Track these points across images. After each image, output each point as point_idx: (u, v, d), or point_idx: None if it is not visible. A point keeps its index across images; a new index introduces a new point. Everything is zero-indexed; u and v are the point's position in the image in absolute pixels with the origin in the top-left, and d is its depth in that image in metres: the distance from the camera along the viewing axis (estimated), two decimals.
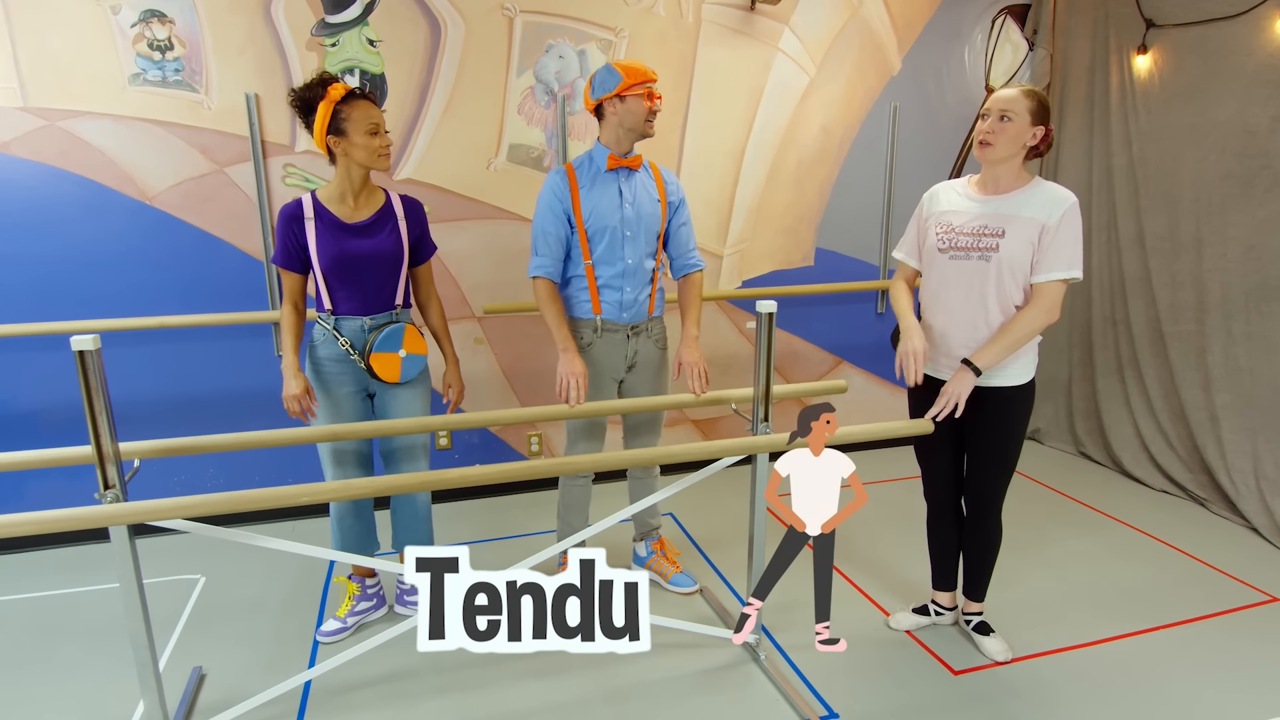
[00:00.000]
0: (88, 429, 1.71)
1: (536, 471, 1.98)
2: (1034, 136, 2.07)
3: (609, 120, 2.42)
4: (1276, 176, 3.08)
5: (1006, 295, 2.12)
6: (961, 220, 2.15)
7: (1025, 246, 2.07)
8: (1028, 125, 2.06)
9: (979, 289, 2.13)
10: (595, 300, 2.50)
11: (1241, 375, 3.26)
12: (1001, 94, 2.08)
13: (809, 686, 2.28)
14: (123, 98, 2.95)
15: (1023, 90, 2.07)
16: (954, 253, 2.15)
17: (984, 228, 2.10)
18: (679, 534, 3.24)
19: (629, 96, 2.36)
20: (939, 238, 2.18)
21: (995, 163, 2.10)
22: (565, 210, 2.43)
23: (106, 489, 1.74)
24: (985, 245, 2.09)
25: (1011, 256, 2.08)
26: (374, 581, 2.62)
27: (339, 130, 2.21)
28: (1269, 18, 3.06)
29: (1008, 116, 2.05)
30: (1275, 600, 2.71)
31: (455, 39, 3.21)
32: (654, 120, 2.42)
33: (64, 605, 2.75)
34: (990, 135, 2.07)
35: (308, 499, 1.76)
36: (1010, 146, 2.07)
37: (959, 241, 2.13)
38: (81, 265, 3.02)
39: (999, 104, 2.07)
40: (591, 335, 2.52)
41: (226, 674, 2.35)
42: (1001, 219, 2.09)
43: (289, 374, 2.29)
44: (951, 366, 2.22)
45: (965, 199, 2.17)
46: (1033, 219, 2.06)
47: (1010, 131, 2.05)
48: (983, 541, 2.38)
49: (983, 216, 2.12)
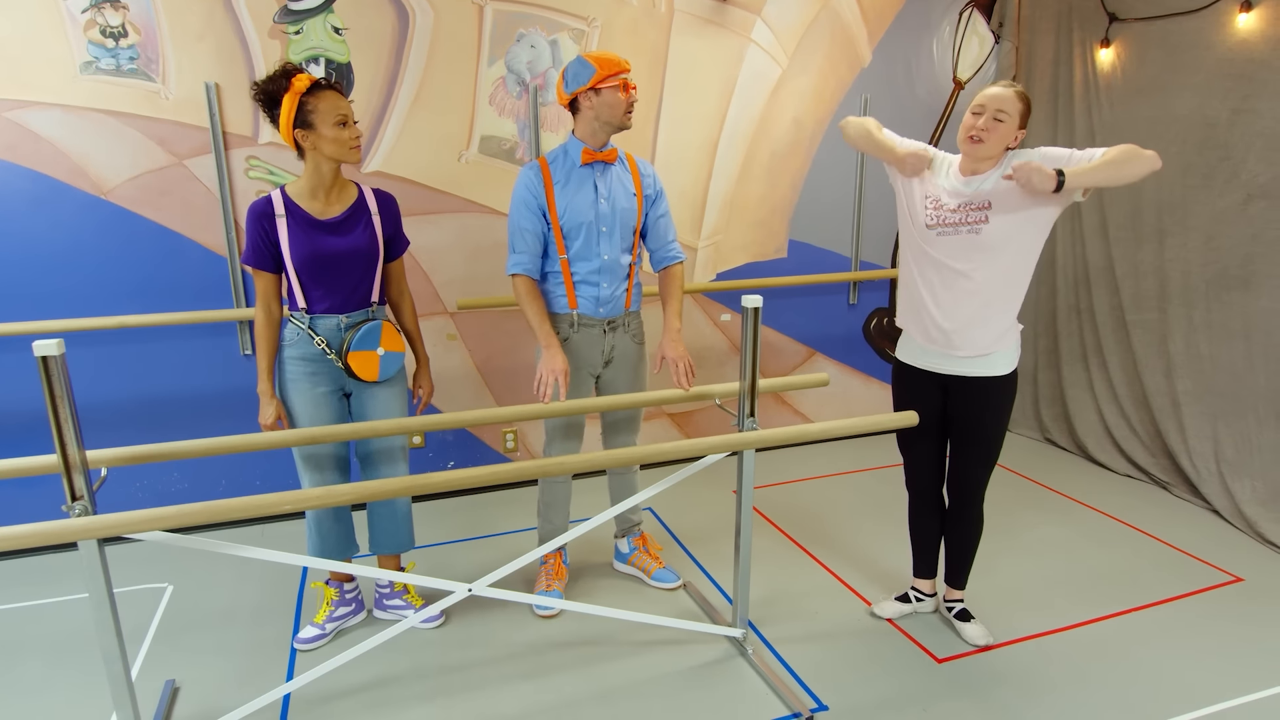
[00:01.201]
0: (53, 437, 1.62)
1: (521, 473, 1.95)
2: (1017, 139, 2.11)
3: (584, 114, 2.37)
4: (1235, 169, 3.16)
5: (998, 266, 2.12)
6: (950, 199, 2.17)
7: (1017, 199, 2.06)
8: (1016, 127, 2.09)
9: (965, 261, 2.14)
10: (571, 295, 2.46)
11: (1202, 362, 3.35)
12: (997, 93, 2.09)
13: (797, 679, 2.28)
14: (74, 87, 2.81)
15: (1016, 92, 2.09)
16: (942, 229, 2.16)
17: (969, 204, 2.13)
18: (660, 529, 3.22)
19: (604, 89, 2.32)
20: (928, 214, 2.19)
21: (982, 159, 2.12)
22: (540, 206, 2.39)
23: (75, 500, 1.66)
24: (974, 219, 2.11)
25: (1004, 223, 2.08)
26: (352, 586, 2.56)
27: (306, 123, 2.13)
28: (1228, 12, 3.14)
29: (1001, 117, 2.07)
30: (1240, 580, 2.79)
31: (424, 27, 3.13)
32: (631, 112, 2.39)
33: (24, 619, 2.63)
34: (984, 133, 2.09)
35: (290, 506, 1.70)
36: (999, 145, 2.10)
37: (947, 218, 2.15)
38: (32, 262, 2.88)
39: (995, 103, 2.08)
40: (568, 330, 2.48)
41: (201, 686, 2.27)
42: (984, 194, 2.12)
43: (264, 400, 2.24)
44: (936, 352, 2.24)
45: (955, 182, 2.18)
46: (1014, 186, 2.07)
47: (1001, 131, 2.08)
48: (965, 530, 2.41)
49: (968, 195, 2.14)
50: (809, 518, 3.31)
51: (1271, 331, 3.08)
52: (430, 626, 2.54)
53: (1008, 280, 2.14)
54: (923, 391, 2.32)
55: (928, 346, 2.26)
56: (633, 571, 2.84)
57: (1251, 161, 3.10)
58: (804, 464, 3.87)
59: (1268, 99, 3.03)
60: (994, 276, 2.13)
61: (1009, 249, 2.11)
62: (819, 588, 2.78)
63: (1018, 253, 2.12)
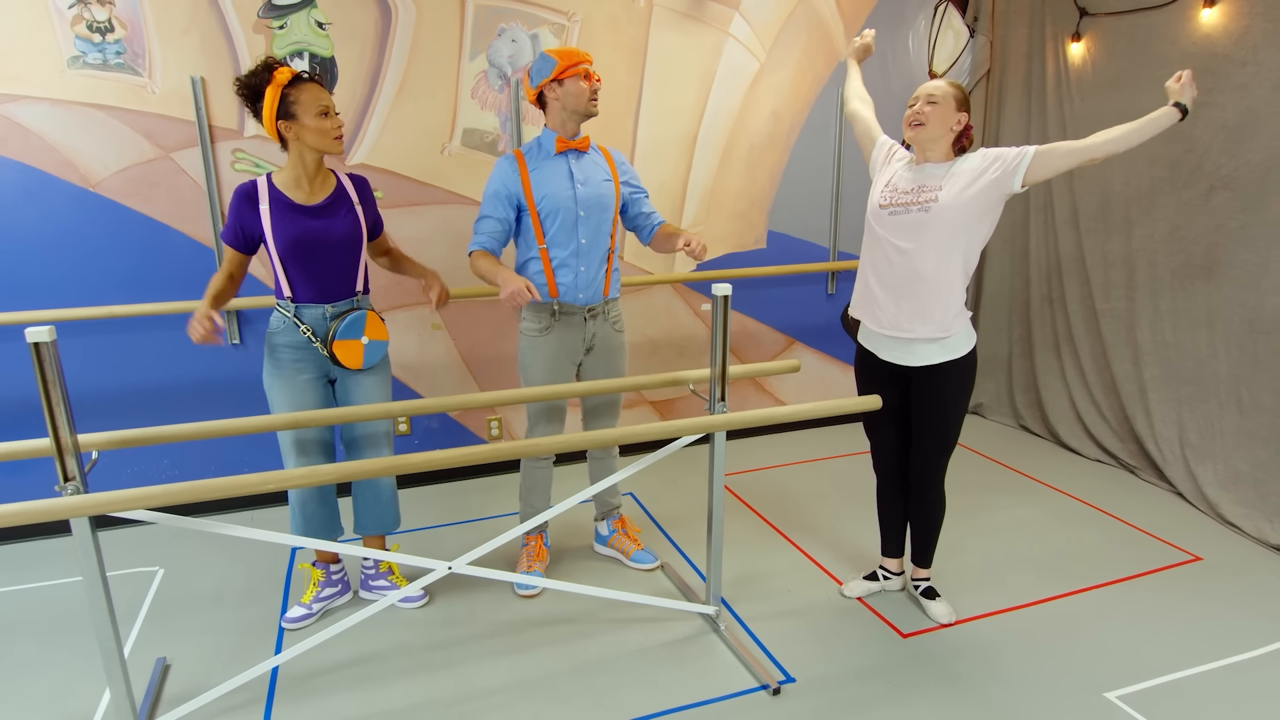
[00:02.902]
0: (45, 421, 1.68)
1: (498, 454, 2.02)
2: (958, 122, 2.22)
3: (552, 106, 2.47)
4: (1199, 161, 3.25)
5: (943, 247, 2.20)
6: (903, 181, 2.29)
7: (967, 187, 2.17)
8: (953, 110, 2.21)
9: (911, 240, 2.23)
10: (551, 283, 2.53)
11: (1167, 349, 3.44)
12: (926, 85, 2.27)
13: (767, 654, 2.37)
14: (62, 81, 2.86)
15: (948, 80, 2.27)
16: (894, 209, 2.27)
17: (922, 186, 2.24)
18: (639, 513, 3.31)
19: (566, 79, 2.42)
20: (882, 194, 2.31)
21: (927, 143, 2.23)
22: (513, 195, 2.47)
23: (67, 481, 1.73)
24: (925, 198, 2.22)
25: (951, 200, 2.17)
26: (338, 567, 2.64)
27: (289, 115, 2.19)
28: (1192, 7, 3.22)
29: (933, 99, 2.21)
30: (1199, 560, 2.89)
31: (406, 22, 3.19)
32: (596, 99, 2.47)
33: (16, 602, 2.70)
34: (921, 115, 2.21)
35: (274, 485, 1.77)
36: (940, 126, 2.21)
37: (899, 198, 2.27)
38: (21, 253, 2.93)
39: (924, 91, 2.25)
40: (550, 319, 2.56)
41: (191, 664, 2.35)
42: (938, 177, 2.23)
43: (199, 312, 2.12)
44: (889, 341, 2.33)
45: (906, 166, 2.32)
46: (962, 170, 2.21)
47: (938, 112, 2.20)
48: (928, 510, 2.50)
49: (919, 178, 2.26)
50: (784, 502, 3.40)
51: (1232, 319, 3.17)
52: (414, 606, 2.62)
53: (949, 262, 2.22)
54: (883, 379, 2.41)
55: (878, 331, 2.35)
56: (612, 553, 2.93)
57: (1214, 154, 3.19)
58: (781, 451, 3.96)
59: (1230, 92, 3.12)
60: (936, 257, 2.21)
61: (953, 230, 2.19)
62: (792, 568, 2.87)
63: (960, 234, 2.20)
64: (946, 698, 2.18)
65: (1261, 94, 3.01)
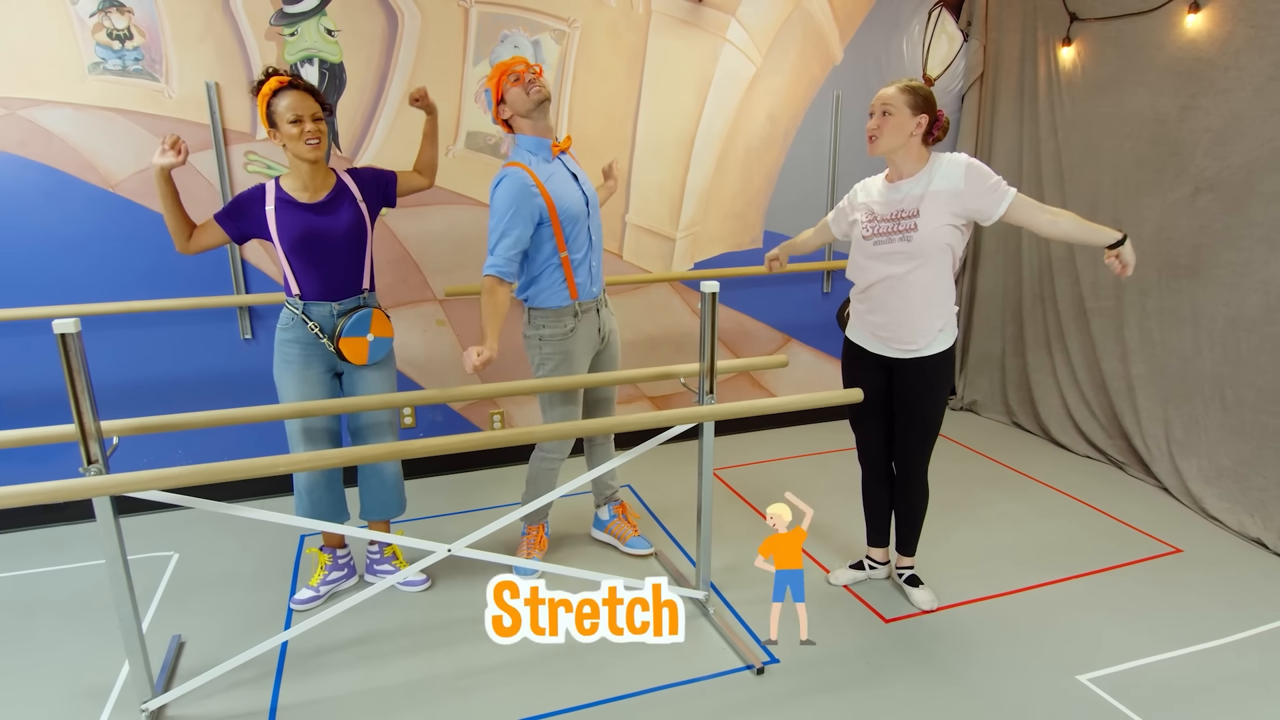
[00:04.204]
0: (70, 407, 1.80)
1: (496, 441, 2.13)
2: (918, 125, 2.24)
3: (515, 121, 2.52)
4: (1184, 163, 3.32)
5: (929, 266, 2.29)
6: (881, 208, 2.35)
7: (943, 214, 2.25)
8: (909, 117, 2.23)
9: (901, 265, 2.31)
10: (572, 286, 2.58)
11: (1154, 347, 3.52)
12: (881, 92, 2.28)
13: (753, 636, 2.48)
14: (83, 86, 2.99)
15: (899, 87, 2.25)
16: (878, 239, 2.34)
17: (900, 211, 2.30)
18: (637, 504, 3.41)
19: (505, 95, 2.49)
20: (864, 226, 2.38)
21: (887, 153, 2.30)
22: (536, 210, 2.44)
23: (90, 464, 1.85)
24: (905, 227, 2.28)
25: (931, 229, 2.25)
26: (345, 552, 2.75)
27: (273, 122, 2.32)
28: (1179, 13, 3.29)
29: (888, 111, 2.24)
30: (1179, 551, 2.97)
31: (412, 29, 3.30)
32: (537, 87, 2.45)
33: (40, 584, 2.84)
34: (875, 130, 2.27)
35: (283, 468, 1.89)
36: (895, 138, 2.26)
37: (880, 228, 2.33)
38: (45, 252, 3.07)
39: (879, 102, 2.27)
40: (573, 320, 2.62)
41: (205, 641, 2.48)
42: (914, 199, 2.28)
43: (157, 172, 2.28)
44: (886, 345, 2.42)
45: (885, 190, 2.37)
46: (940, 190, 2.25)
47: (892, 124, 2.24)
48: (912, 500, 2.60)
49: (896, 201, 2.31)
50: (776, 494, 3.44)
51: (1216, 318, 3.25)
52: (417, 590, 2.74)
53: (939, 280, 2.32)
54: (868, 371, 2.51)
55: (875, 342, 2.46)
56: (608, 539, 3.03)
57: (1199, 156, 3.27)
58: (775, 447, 4.06)
59: (1214, 96, 3.19)
60: (926, 278, 2.31)
61: (936, 251, 2.29)
62: None
63: (944, 250, 2.29)
64: (922, 678, 2.27)
65: (1244, 98, 3.09)
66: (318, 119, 2.33)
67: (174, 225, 2.37)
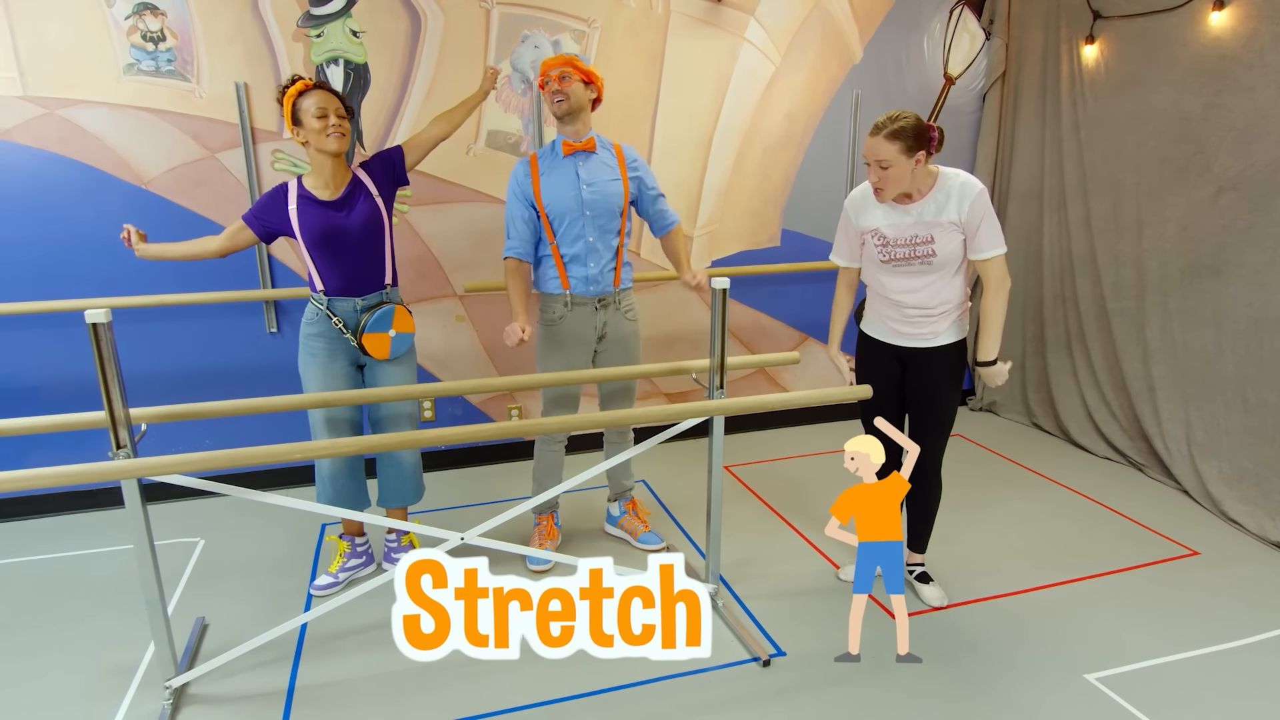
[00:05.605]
0: (101, 394, 1.88)
1: (508, 431, 2.18)
2: (917, 162, 2.23)
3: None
4: (1207, 162, 3.29)
5: (945, 276, 2.37)
6: (894, 233, 2.37)
7: (955, 240, 2.32)
8: (905, 162, 2.20)
9: (925, 283, 2.38)
10: (563, 276, 2.70)
11: (1176, 348, 3.48)
12: (871, 145, 2.21)
13: (761, 629, 2.50)
14: (118, 87, 3.10)
15: (886, 135, 2.17)
16: (896, 263, 2.39)
17: (915, 237, 2.34)
18: (651, 500, 3.45)
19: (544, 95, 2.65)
20: (879, 251, 2.41)
21: (898, 193, 2.31)
22: (527, 196, 2.66)
23: (119, 449, 1.92)
24: (923, 253, 2.33)
25: (948, 255, 2.33)
26: (363, 540, 2.82)
27: (297, 121, 2.41)
28: (1202, 11, 3.26)
29: (884, 165, 2.22)
30: (1196, 554, 2.95)
31: (435, 30, 3.37)
32: (559, 101, 2.58)
33: (71, 567, 2.94)
34: (880, 183, 2.27)
35: (302, 455, 1.95)
36: (899, 185, 2.27)
37: (897, 253, 2.37)
38: (81, 247, 3.18)
39: (873, 156, 2.22)
40: (563, 309, 2.71)
41: (227, 623, 2.56)
42: (926, 226, 2.32)
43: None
44: (901, 335, 2.46)
45: (891, 211, 2.37)
46: (951, 221, 2.29)
47: (893, 176, 2.24)
48: (925, 496, 2.60)
49: (910, 226, 2.34)
50: (790, 491, 3.52)
51: (1239, 319, 3.21)
52: None
53: (954, 280, 2.39)
54: (882, 364, 2.52)
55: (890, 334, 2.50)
56: (621, 534, 3.08)
57: (1222, 155, 3.23)
58: (791, 444, 4.07)
59: (1237, 94, 3.16)
60: (944, 282, 2.37)
61: (955, 260, 2.35)
62: (793, 552, 2.99)
63: (958, 258, 2.35)
64: (928, 673, 2.28)
65: (1269, 95, 3.05)
66: (342, 116, 2.42)
67: (190, 257, 2.54)
